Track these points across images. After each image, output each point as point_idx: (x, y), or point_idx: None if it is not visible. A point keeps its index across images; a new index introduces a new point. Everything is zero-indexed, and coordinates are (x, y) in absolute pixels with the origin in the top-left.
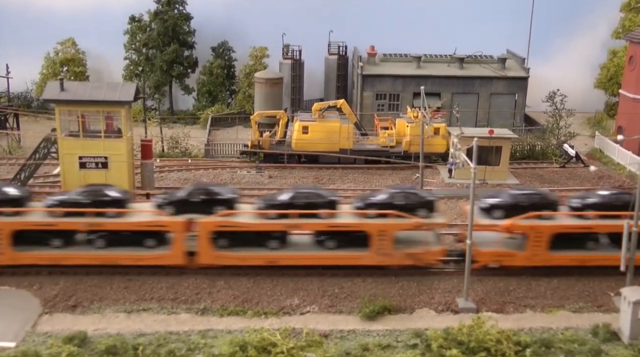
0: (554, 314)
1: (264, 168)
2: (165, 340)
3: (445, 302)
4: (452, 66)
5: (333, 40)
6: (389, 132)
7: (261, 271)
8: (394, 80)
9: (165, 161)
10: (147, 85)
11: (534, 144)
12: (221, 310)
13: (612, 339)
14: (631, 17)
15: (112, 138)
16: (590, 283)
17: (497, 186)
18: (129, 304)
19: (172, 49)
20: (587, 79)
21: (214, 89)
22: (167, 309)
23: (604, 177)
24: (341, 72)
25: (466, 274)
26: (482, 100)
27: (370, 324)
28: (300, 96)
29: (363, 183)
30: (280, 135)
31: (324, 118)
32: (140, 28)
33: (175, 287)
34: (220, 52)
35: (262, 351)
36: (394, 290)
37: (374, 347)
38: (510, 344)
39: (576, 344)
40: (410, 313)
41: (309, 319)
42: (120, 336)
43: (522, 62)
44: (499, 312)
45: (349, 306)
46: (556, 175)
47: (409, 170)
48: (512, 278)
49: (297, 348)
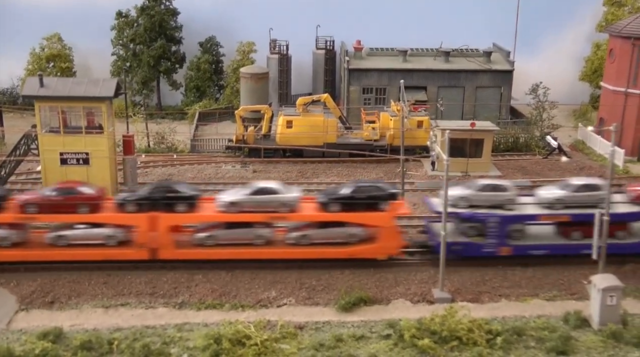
0: (527, 303)
1: (249, 163)
2: (141, 334)
3: (421, 293)
4: (438, 60)
5: (320, 35)
6: (372, 126)
7: (240, 264)
8: (380, 74)
9: (151, 157)
10: (135, 81)
11: (518, 136)
12: (199, 304)
13: (582, 326)
14: (613, 11)
15: (93, 134)
16: (564, 272)
17: (480, 178)
18: (106, 299)
19: (159, 45)
20: (572, 72)
21: (202, 85)
22: (145, 304)
23: (585, 168)
24: (329, 67)
25: (441, 265)
26: (468, 94)
27: (346, 316)
28: (287, 91)
29: (347, 177)
30: (265, 130)
31: (308, 112)
32: (127, 23)
33: (154, 281)
34: (207, 48)
35: (236, 343)
36: (370, 282)
37: (347, 338)
38: (481, 333)
39: (547, 331)
40: (386, 304)
41: (285, 312)
42: (96, 331)
43: (507, 55)
44: (474, 301)
45: (326, 298)
46: (538, 167)
47: (392, 164)
48: (489, 268)
49: (271, 340)
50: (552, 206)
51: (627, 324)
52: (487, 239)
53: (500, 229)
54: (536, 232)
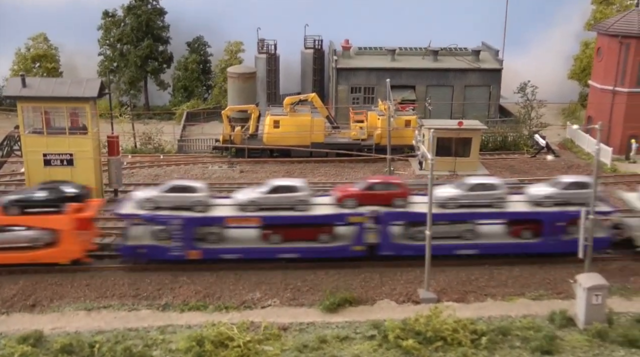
0: (514, 302)
1: (236, 163)
2: (123, 337)
3: (407, 293)
4: (427, 59)
5: (309, 34)
6: (360, 125)
7: (225, 265)
8: (368, 73)
9: (137, 157)
10: (122, 81)
11: (506, 135)
12: (182, 305)
13: (568, 325)
14: (602, 10)
15: (77, 135)
16: (551, 271)
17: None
18: (89, 301)
19: (146, 44)
20: (561, 70)
21: (190, 84)
22: (128, 306)
23: (573, 166)
24: (317, 66)
25: (426, 265)
26: (457, 93)
27: (331, 317)
28: (276, 90)
29: (334, 176)
30: (252, 130)
31: (295, 112)
32: (114, 23)
33: (138, 283)
34: (195, 47)
35: (219, 345)
36: (356, 282)
37: (331, 339)
38: (466, 333)
39: (532, 331)
40: (371, 305)
41: (269, 313)
42: (77, 334)
43: (496, 54)
44: (460, 301)
45: (311, 298)
46: (526, 166)
47: (380, 163)
48: (475, 267)
49: (254, 341)
50: (245, 208)
51: (612, 323)
52: (173, 242)
53: (186, 231)
54: (239, 236)
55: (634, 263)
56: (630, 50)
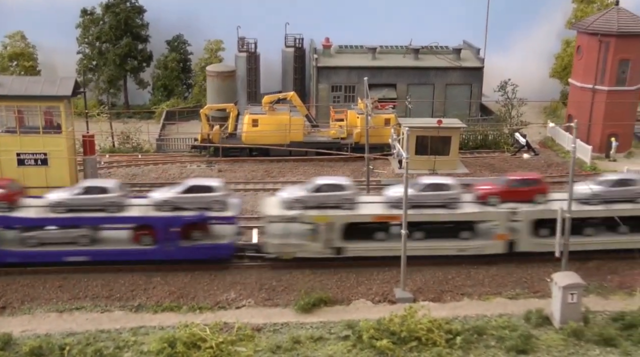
0: (490, 301)
1: (214, 162)
2: (94, 339)
3: (383, 292)
4: (408, 57)
5: (290, 32)
6: (339, 124)
7: (199, 265)
8: (349, 71)
9: (115, 157)
10: (102, 80)
11: (487, 133)
12: (155, 306)
13: (544, 324)
14: (582, 8)
15: (51, 134)
16: (528, 270)
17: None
18: (61, 303)
19: (125, 43)
20: (543, 69)
21: (170, 83)
22: (101, 307)
23: (554, 164)
24: (298, 65)
25: (402, 265)
26: (438, 91)
27: (305, 317)
28: (256, 89)
29: (313, 175)
30: (231, 129)
31: (274, 111)
32: (92, 21)
33: (111, 284)
34: (175, 46)
35: (191, 347)
36: (332, 282)
37: (305, 339)
38: (441, 333)
39: (507, 330)
40: (347, 305)
41: (244, 313)
42: (47, 336)
43: (477, 52)
44: (436, 301)
45: (286, 299)
46: (506, 164)
47: (360, 162)
48: (452, 267)
49: (227, 343)
50: None
51: (588, 322)
52: None
53: None
54: None
55: (612, 262)
56: (609, 49)
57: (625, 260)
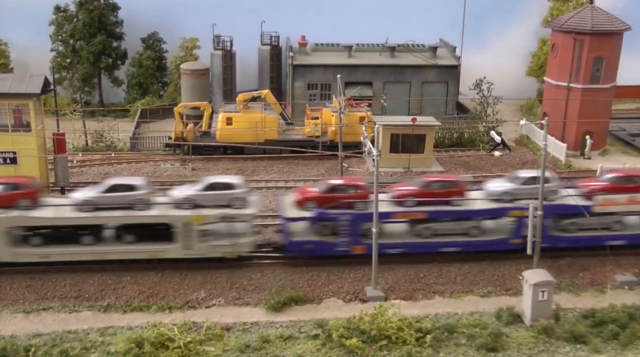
0: (461, 299)
1: (188, 160)
2: (61, 340)
3: (354, 291)
4: (384, 55)
5: (266, 30)
6: (314, 122)
7: (170, 264)
8: (325, 69)
9: (88, 155)
10: (76, 78)
11: (462, 131)
12: (124, 306)
13: (515, 322)
14: (558, 6)
15: (20, 132)
16: (500, 267)
17: (422, 174)
18: (28, 303)
19: (99, 40)
20: (520, 67)
21: (145, 81)
22: (69, 308)
23: (528, 162)
24: (274, 63)
25: (374, 263)
26: (414, 89)
27: (276, 316)
28: (232, 87)
29: (288, 173)
30: (205, 127)
31: (248, 109)
32: (66, 19)
33: (80, 284)
34: (150, 44)
35: (159, 347)
36: (303, 280)
37: (275, 338)
38: (411, 331)
39: (478, 328)
40: (317, 303)
41: (214, 313)
42: (13, 337)
43: (453, 50)
44: (407, 299)
45: (257, 297)
46: (482, 162)
47: (335, 160)
48: (424, 265)
49: (196, 342)
50: None
51: (559, 319)
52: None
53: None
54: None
55: (583, 259)
56: (584, 47)
57: (597, 257)
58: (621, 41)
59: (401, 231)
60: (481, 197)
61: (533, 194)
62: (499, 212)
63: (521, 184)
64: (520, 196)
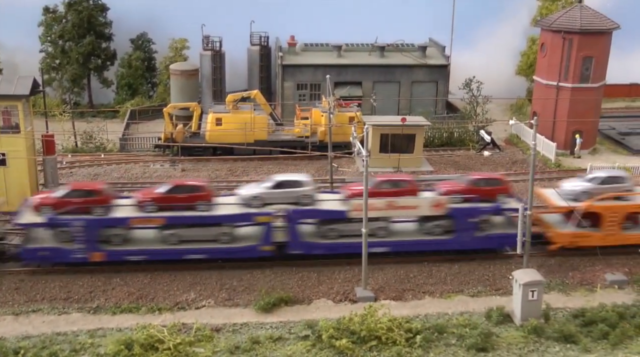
0: (451, 299)
1: (178, 161)
2: (50, 342)
3: (344, 292)
4: (373, 55)
5: (255, 30)
6: (304, 122)
7: (159, 265)
8: (314, 69)
9: (78, 156)
10: (65, 79)
11: (452, 130)
12: (114, 308)
13: (505, 322)
14: (547, 6)
15: (9, 134)
16: (490, 267)
17: (412, 173)
18: (17, 305)
19: (88, 41)
20: (509, 66)
21: (134, 82)
22: (58, 309)
23: (518, 161)
24: (264, 63)
25: (363, 263)
26: (404, 89)
27: (265, 317)
28: (222, 88)
29: (277, 174)
30: (194, 128)
31: (238, 109)
32: (55, 19)
33: (69, 286)
34: (139, 44)
35: (149, 348)
36: (293, 281)
37: (265, 340)
38: (401, 332)
39: (468, 328)
40: (307, 304)
41: (203, 314)
42: (2, 339)
43: (443, 50)
44: (397, 299)
45: (246, 298)
46: (471, 161)
47: (324, 160)
48: (414, 265)
49: (185, 344)
50: None
51: (549, 319)
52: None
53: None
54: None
55: (573, 258)
56: (573, 46)
57: (587, 257)
58: (610, 40)
59: (150, 237)
60: (233, 201)
61: (285, 198)
62: (245, 218)
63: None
64: (271, 201)
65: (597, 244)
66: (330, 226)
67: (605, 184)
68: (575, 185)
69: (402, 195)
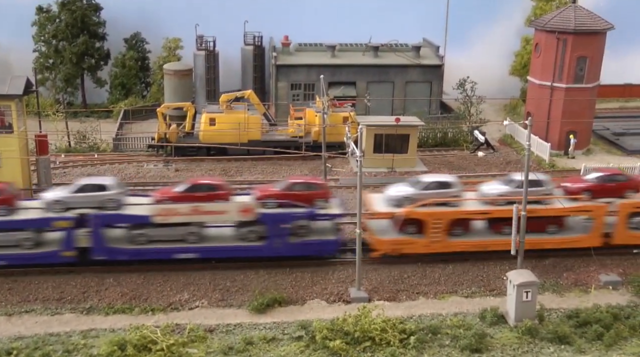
0: (445, 300)
1: (171, 161)
2: (43, 342)
3: (338, 292)
4: (367, 55)
5: (249, 30)
6: (298, 122)
7: (153, 266)
8: (308, 69)
9: (71, 156)
10: (58, 78)
11: (446, 131)
12: (107, 308)
13: (499, 322)
14: (541, 6)
15: (2, 134)
16: (484, 268)
17: (406, 174)
18: (10, 306)
19: (82, 41)
20: (503, 66)
21: (128, 82)
22: (51, 310)
23: (512, 162)
24: (258, 63)
25: (357, 264)
26: (398, 89)
27: (259, 317)
28: (215, 88)
29: (271, 174)
30: (188, 128)
31: (231, 109)
32: (48, 19)
33: (62, 286)
34: (133, 44)
35: (142, 349)
36: (286, 282)
37: (258, 340)
38: (395, 333)
39: (462, 329)
40: (301, 305)
41: (197, 314)
42: None
43: (437, 50)
44: (391, 300)
45: (240, 299)
46: (465, 162)
47: (318, 160)
48: (408, 266)
49: (178, 345)
50: None
51: (543, 320)
52: None
53: None
54: None
55: (567, 259)
56: (567, 46)
57: (581, 257)
58: (604, 40)
59: None
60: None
61: (88, 203)
62: (43, 223)
63: None
64: (74, 205)
65: (421, 252)
66: (139, 231)
67: (429, 189)
68: (399, 190)
69: (212, 199)
